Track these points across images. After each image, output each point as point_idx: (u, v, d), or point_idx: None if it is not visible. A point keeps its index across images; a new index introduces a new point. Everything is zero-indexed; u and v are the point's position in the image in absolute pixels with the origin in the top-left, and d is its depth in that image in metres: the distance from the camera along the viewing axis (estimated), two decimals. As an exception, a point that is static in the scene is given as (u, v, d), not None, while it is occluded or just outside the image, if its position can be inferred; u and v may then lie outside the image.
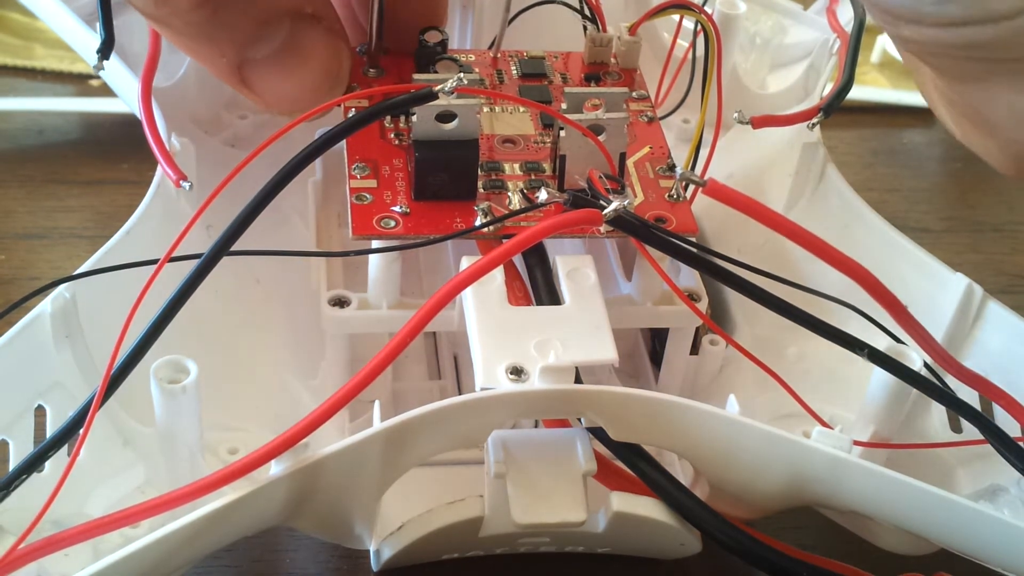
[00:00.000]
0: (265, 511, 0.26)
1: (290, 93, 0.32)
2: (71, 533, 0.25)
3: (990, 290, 0.32)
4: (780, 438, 0.27)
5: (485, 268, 0.27)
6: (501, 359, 0.28)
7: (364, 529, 0.29)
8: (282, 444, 0.25)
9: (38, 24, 0.51)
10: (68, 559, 0.27)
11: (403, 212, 0.31)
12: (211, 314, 0.35)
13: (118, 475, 0.30)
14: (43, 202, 0.43)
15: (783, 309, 0.27)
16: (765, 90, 0.45)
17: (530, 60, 0.37)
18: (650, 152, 0.34)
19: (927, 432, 0.33)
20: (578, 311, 0.29)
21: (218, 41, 0.31)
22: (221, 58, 0.31)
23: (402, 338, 0.26)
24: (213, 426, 0.32)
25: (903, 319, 0.26)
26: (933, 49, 0.22)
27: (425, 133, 0.30)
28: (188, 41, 0.31)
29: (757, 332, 0.36)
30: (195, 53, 0.32)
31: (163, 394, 0.27)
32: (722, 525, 0.28)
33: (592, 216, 0.27)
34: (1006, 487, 0.30)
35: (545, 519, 0.28)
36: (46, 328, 0.29)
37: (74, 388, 0.30)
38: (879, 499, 0.27)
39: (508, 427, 0.31)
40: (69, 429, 0.26)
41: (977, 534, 0.26)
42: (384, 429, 0.26)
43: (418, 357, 0.37)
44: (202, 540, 0.25)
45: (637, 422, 0.28)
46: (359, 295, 0.32)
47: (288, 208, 0.39)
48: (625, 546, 0.31)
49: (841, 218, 0.36)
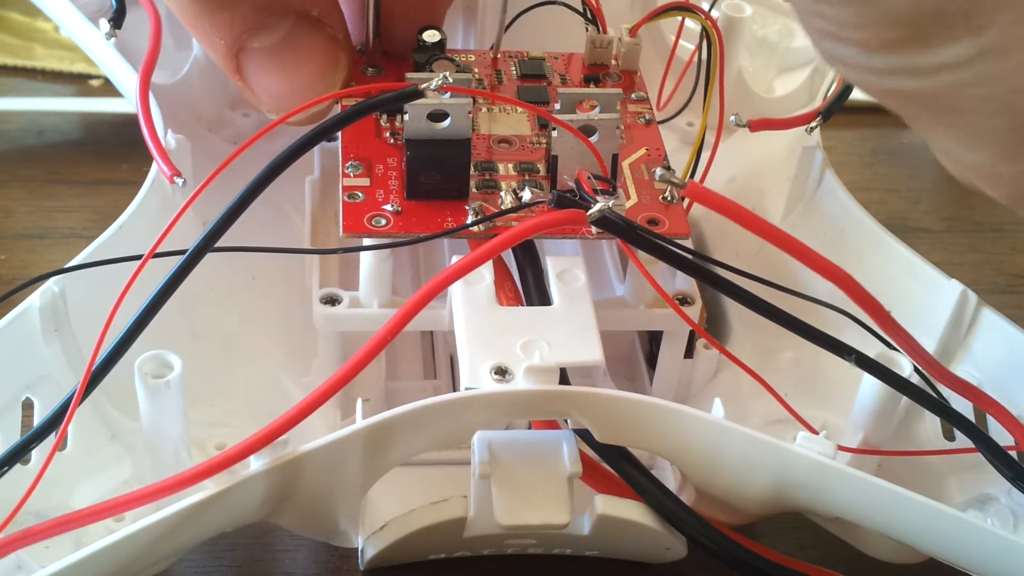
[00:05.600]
0: (245, 506, 0.26)
1: (280, 90, 0.32)
2: (49, 525, 0.25)
3: (990, 290, 0.32)
4: (764, 443, 0.27)
5: (468, 266, 0.27)
6: (486, 359, 0.28)
7: (350, 527, 0.29)
8: (262, 439, 0.25)
9: (38, 24, 0.51)
10: (49, 551, 0.27)
11: (395, 211, 0.31)
12: (206, 310, 0.35)
13: (105, 469, 0.31)
14: (43, 202, 0.43)
15: (769, 312, 0.27)
16: (772, 94, 0.44)
17: (530, 61, 0.37)
18: (646, 154, 0.34)
19: (920, 440, 0.32)
20: (566, 312, 0.29)
21: (219, 19, 0.31)
22: (219, 40, 0.31)
23: (384, 334, 0.26)
24: (203, 422, 0.32)
25: (887, 325, 0.26)
26: (871, 92, 0.23)
27: (417, 132, 0.30)
28: (191, 10, 0.31)
29: (753, 337, 0.36)
30: (195, 27, 0.32)
31: (147, 389, 0.28)
32: (706, 530, 0.28)
33: (576, 216, 0.27)
34: (996, 496, 0.30)
35: (529, 521, 0.27)
36: (35, 321, 0.29)
37: (63, 381, 0.30)
38: (863, 506, 0.26)
39: (501, 428, 0.31)
40: (52, 421, 0.26)
41: (960, 542, 0.26)
42: (365, 427, 0.26)
43: (414, 357, 0.37)
44: (182, 533, 0.26)
45: (622, 424, 0.27)
46: (351, 293, 0.32)
47: (288, 206, 0.39)
48: (611, 549, 0.31)
49: (838, 223, 0.35)
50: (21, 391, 0.30)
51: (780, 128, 0.35)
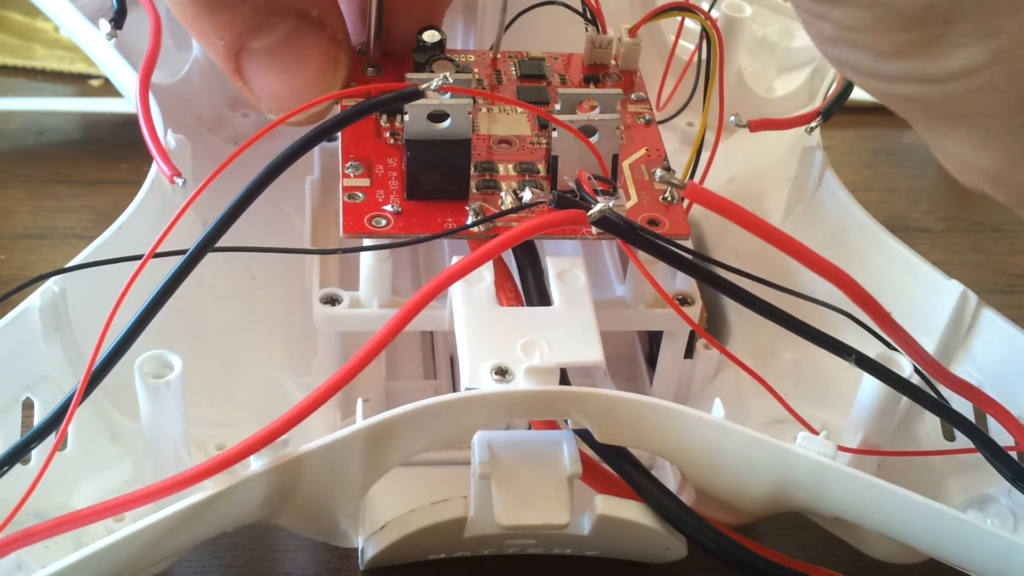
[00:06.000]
0: (245, 506, 0.26)
1: (279, 90, 0.32)
2: (49, 525, 0.25)
3: (990, 290, 0.32)
4: (764, 443, 0.27)
5: (468, 266, 0.27)
6: (486, 359, 0.28)
7: (350, 527, 0.29)
8: (262, 440, 0.25)
9: (38, 24, 0.51)
10: (49, 551, 0.27)
11: (395, 211, 0.31)
12: (206, 310, 0.35)
13: (105, 470, 0.31)
14: (43, 202, 0.43)
15: (768, 312, 0.27)
16: (772, 94, 0.44)
17: (530, 61, 0.37)
18: (646, 154, 0.34)
19: (920, 440, 0.32)
20: (566, 312, 0.29)
21: (219, 20, 0.31)
22: (219, 40, 0.31)
23: (384, 334, 0.26)
24: (204, 422, 0.32)
25: (886, 324, 0.26)
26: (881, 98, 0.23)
27: (417, 132, 0.30)
28: (190, 10, 0.31)
29: (753, 337, 0.36)
30: (195, 28, 0.32)
31: (147, 389, 0.28)
32: (706, 530, 0.28)
33: (577, 216, 0.27)
34: (996, 496, 0.30)
35: (529, 521, 0.27)
36: (35, 321, 0.29)
37: (63, 381, 0.30)
38: (863, 506, 0.26)
39: (502, 428, 0.31)
40: (52, 421, 0.26)
41: (960, 542, 0.26)
42: (365, 427, 0.26)
43: (414, 357, 0.37)
44: (182, 534, 0.26)
45: (622, 425, 0.27)
46: (351, 293, 0.32)
47: (288, 207, 0.39)
48: (611, 549, 0.31)
49: (838, 223, 0.35)
50: (21, 391, 0.30)
51: (780, 128, 0.35)
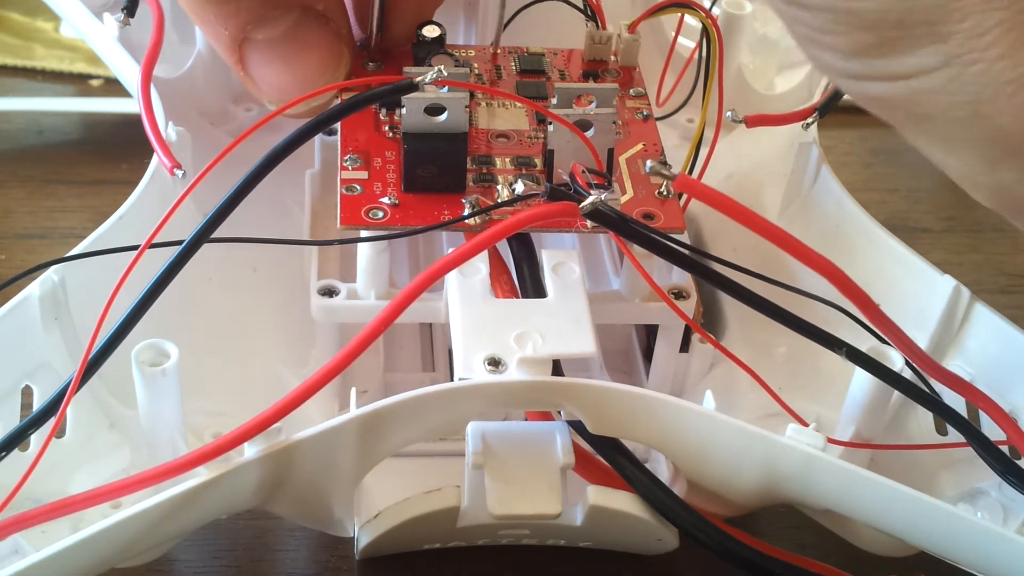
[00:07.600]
0: (239, 493, 0.26)
1: (282, 82, 0.32)
2: (46, 509, 0.25)
3: (990, 290, 0.32)
4: (753, 434, 0.27)
5: (462, 256, 0.27)
6: (480, 350, 0.28)
7: (345, 515, 0.30)
8: (255, 427, 0.25)
9: (38, 24, 0.51)
10: (46, 535, 0.28)
11: (392, 203, 0.31)
12: (205, 301, 0.35)
13: (103, 457, 0.31)
14: (43, 202, 0.43)
15: (758, 304, 0.27)
16: (772, 91, 0.44)
17: (529, 56, 0.37)
18: (643, 149, 0.34)
19: (912, 434, 0.32)
20: (560, 304, 0.30)
21: (224, 10, 0.31)
22: (224, 30, 0.32)
23: (379, 323, 0.26)
24: (201, 411, 0.32)
25: (875, 317, 0.26)
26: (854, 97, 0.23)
27: (414, 126, 0.31)
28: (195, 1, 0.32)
29: (748, 331, 0.36)
30: (200, 17, 0.32)
31: (144, 377, 0.28)
32: (696, 521, 0.28)
33: (569, 208, 0.27)
34: (987, 490, 0.30)
35: (521, 511, 0.28)
36: (35, 310, 0.30)
37: (62, 369, 0.30)
38: (851, 497, 0.27)
39: (498, 419, 0.31)
40: (50, 407, 0.26)
41: (948, 534, 0.26)
42: (358, 416, 0.26)
43: (412, 349, 0.37)
44: (177, 519, 0.26)
45: (614, 416, 0.28)
46: (348, 285, 0.33)
47: (288, 200, 0.39)
48: (604, 540, 0.31)
49: (834, 218, 0.35)
50: (21, 378, 0.30)
51: (776, 124, 0.35)
